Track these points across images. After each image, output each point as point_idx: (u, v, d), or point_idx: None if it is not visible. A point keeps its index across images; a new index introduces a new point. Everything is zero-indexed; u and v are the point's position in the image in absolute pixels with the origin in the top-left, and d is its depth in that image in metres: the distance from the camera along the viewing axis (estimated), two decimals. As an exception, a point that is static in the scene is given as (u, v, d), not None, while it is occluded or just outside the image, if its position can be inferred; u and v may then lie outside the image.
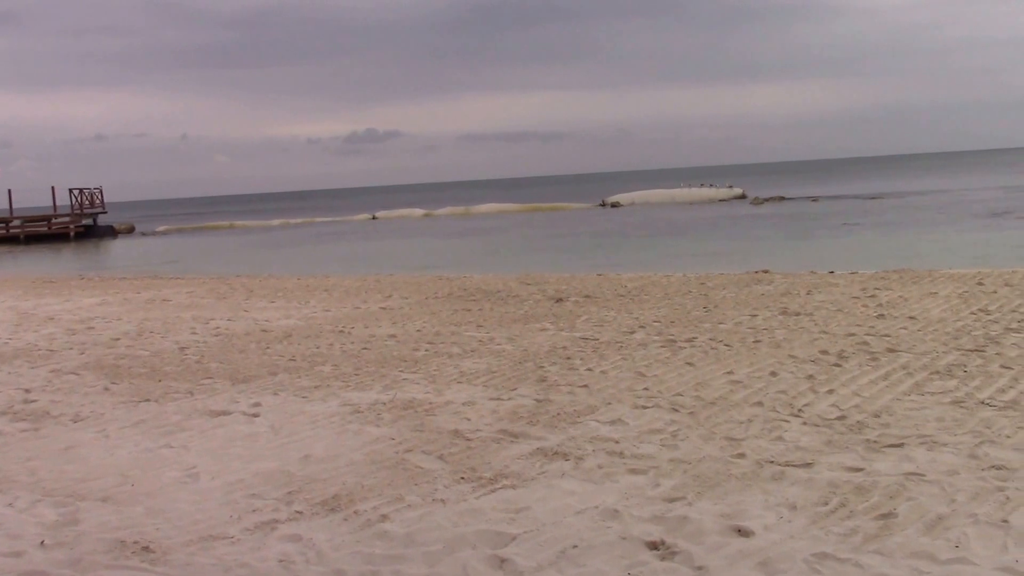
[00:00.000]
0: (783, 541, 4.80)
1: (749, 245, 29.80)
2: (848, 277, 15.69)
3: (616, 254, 29.18)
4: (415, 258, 31.66)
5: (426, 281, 19.13)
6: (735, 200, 63.34)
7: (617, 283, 16.56)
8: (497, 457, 6.46)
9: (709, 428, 6.88)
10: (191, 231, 68.57)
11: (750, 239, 32.49)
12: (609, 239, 36.76)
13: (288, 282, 20.46)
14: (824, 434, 6.59)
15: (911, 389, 7.72)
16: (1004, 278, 14.13)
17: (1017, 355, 8.74)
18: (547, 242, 37.24)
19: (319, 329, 12.90)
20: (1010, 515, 4.95)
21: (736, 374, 8.59)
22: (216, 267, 30.19)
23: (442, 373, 9.40)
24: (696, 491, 5.59)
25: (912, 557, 4.53)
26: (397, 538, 5.11)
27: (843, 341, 9.88)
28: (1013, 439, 6.24)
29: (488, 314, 13.51)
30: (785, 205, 55.25)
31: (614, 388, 8.31)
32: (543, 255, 30.34)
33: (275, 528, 5.33)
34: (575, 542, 4.93)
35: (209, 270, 28.11)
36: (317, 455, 6.71)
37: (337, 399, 8.46)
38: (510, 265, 25.02)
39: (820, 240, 31.02)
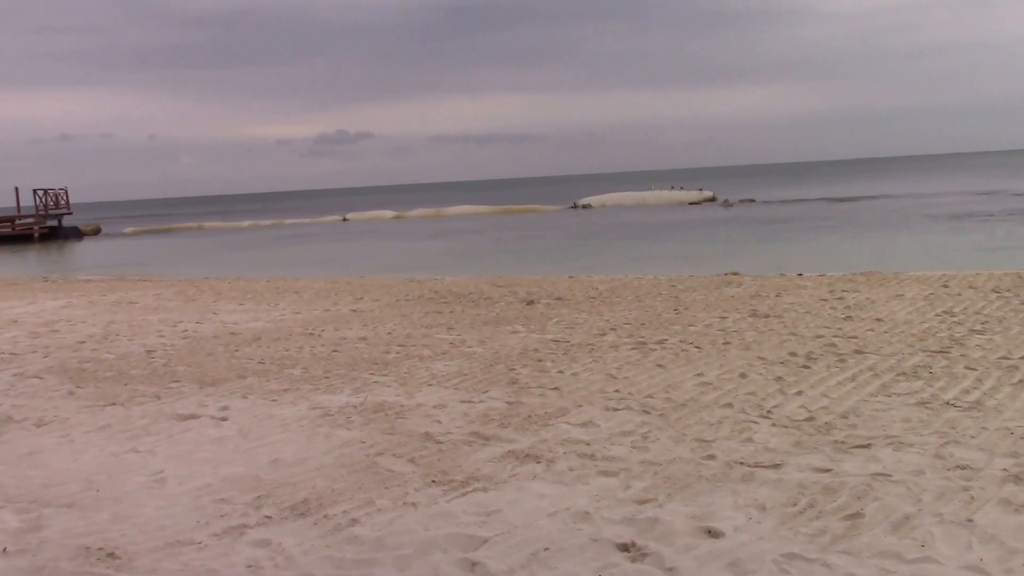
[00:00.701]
0: (752, 542, 4.82)
1: (719, 248, 29.95)
2: (816, 279, 15.81)
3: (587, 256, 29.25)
4: (386, 260, 31.58)
5: (397, 283, 19.08)
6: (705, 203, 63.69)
7: (588, 285, 16.60)
8: (468, 460, 6.46)
9: (679, 430, 6.91)
10: (158, 232, 68.07)
11: (720, 242, 32.66)
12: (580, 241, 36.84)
13: (257, 284, 20.35)
14: (793, 435, 6.63)
15: (878, 390, 7.79)
16: (968, 281, 14.29)
17: (981, 356, 8.84)
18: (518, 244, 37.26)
19: (288, 332, 12.83)
20: (974, 514, 5.00)
21: (706, 376, 8.63)
22: (184, 269, 29.98)
23: (413, 376, 9.37)
24: (667, 493, 5.61)
25: (879, 557, 4.57)
26: (367, 542, 5.09)
27: (811, 343, 9.95)
28: (977, 439, 6.31)
29: (459, 316, 13.50)
30: (755, 208, 55.60)
31: (585, 390, 8.32)
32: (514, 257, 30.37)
33: (244, 533, 5.30)
34: (546, 545, 4.93)
35: (177, 272, 27.90)
36: (286, 459, 6.67)
37: (307, 402, 8.42)
38: (481, 267, 25.02)
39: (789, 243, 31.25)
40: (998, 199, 48.71)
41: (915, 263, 20.04)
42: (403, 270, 25.35)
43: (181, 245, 50.38)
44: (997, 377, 8.00)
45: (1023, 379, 7.88)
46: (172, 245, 50.90)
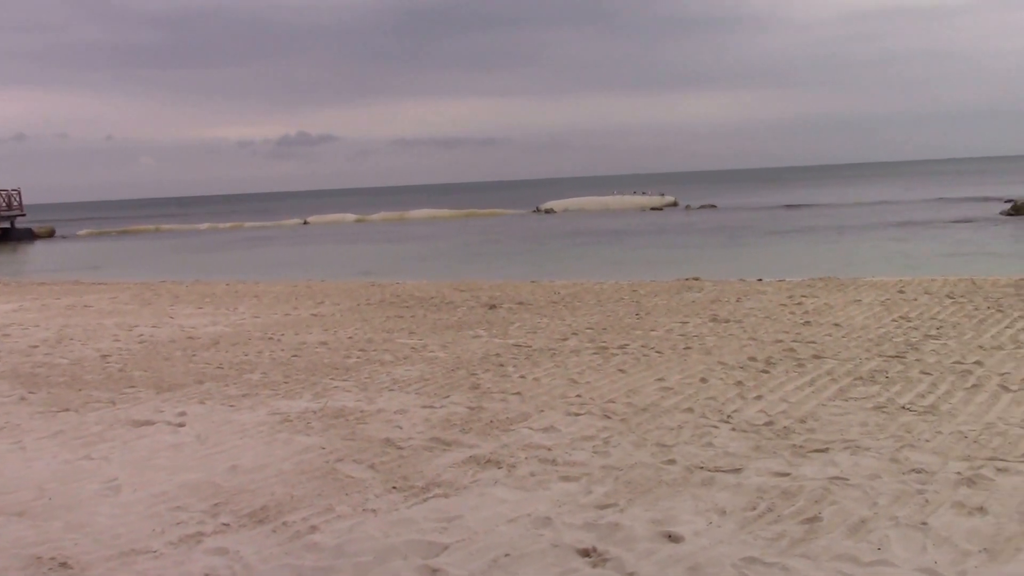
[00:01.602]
0: (712, 546, 4.85)
1: (680, 253, 30.13)
2: (776, 285, 15.95)
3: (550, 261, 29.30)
4: (347, 264, 31.43)
5: (358, 287, 18.99)
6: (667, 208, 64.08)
7: (550, 290, 16.62)
8: (429, 466, 6.43)
9: (640, 435, 6.93)
10: (115, 235, 67.28)
11: (681, 247, 32.86)
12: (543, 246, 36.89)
13: (216, 287, 20.17)
14: (752, 440, 6.67)
15: (835, 395, 7.86)
16: (924, 286, 14.48)
17: (936, 361, 8.95)
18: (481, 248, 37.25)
19: (248, 336, 12.72)
20: (929, 517, 5.06)
21: (667, 381, 8.66)
22: (141, 272, 29.63)
23: (374, 381, 9.33)
24: (627, 498, 5.62)
25: (836, 560, 4.61)
26: (327, 550, 5.05)
27: (771, 348, 10.03)
28: (932, 443, 6.39)
29: (421, 321, 13.46)
30: (716, 213, 55.99)
31: (547, 395, 8.32)
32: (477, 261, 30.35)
33: (200, 541, 5.23)
34: (507, 551, 4.92)
35: (133, 275, 27.56)
36: (245, 465, 6.61)
37: (266, 408, 8.35)
38: (444, 271, 24.99)
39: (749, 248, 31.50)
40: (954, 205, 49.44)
41: (872, 269, 20.29)
42: (365, 274, 25.26)
43: (138, 247, 49.82)
44: (951, 382, 8.10)
45: (976, 383, 7.99)
46: (129, 247, 50.32)
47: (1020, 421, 6.78)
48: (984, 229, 34.73)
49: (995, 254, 25.51)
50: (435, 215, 70.09)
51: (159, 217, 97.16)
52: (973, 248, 27.53)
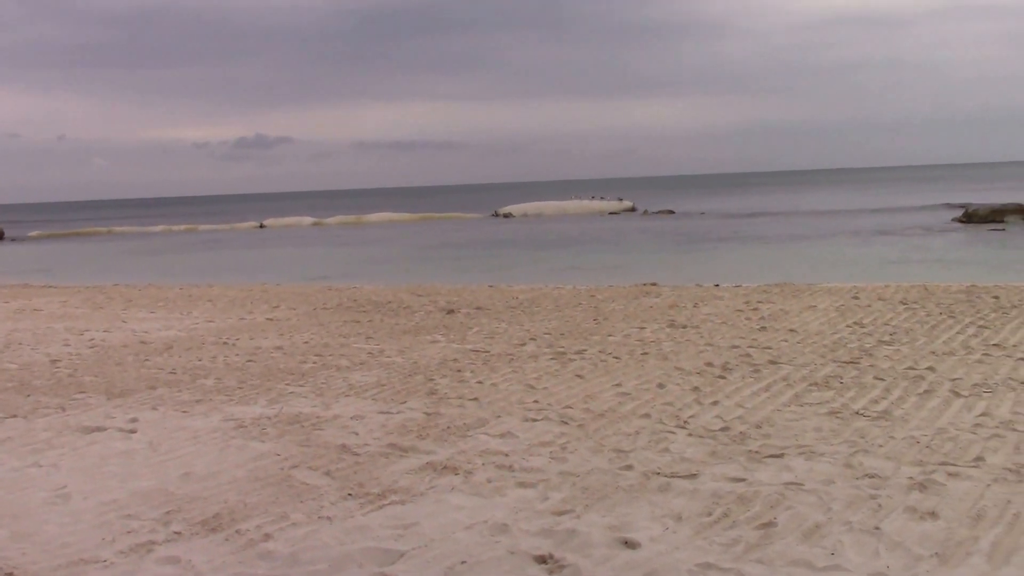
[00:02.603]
0: (668, 552, 4.85)
1: (638, 258, 30.28)
2: (732, 290, 16.06)
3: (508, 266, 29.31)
4: (304, 268, 31.23)
5: (315, 291, 18.87)
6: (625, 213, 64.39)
7: (509, 295, 16.62)
8: (385, 472, 6.39)
9: (598, 440, 6.93)
10: (66, 237, 66.33)
11: (639, 252, 33.02)
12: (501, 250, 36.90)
13: (169, 291, 19.93)
14: (708, 445, 6.70)
15: (791, 400, 7.92)
16: (878, 292, 14.66)
17: (889, 367, 9.06)
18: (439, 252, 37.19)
19: (202, 341, 12.58)
20: (882, 522, 5.11)
21: (624, 386, 8.68)
22: (92, 275, 29.19)
23: (330, 386, 9.26)
24: (584, 504, 5.62)
25: (791, 565, 4.63)
26: (281, 558, 5.00)
27: (727, 353, 10.09)
28: (885, 448, 6.45)
29: (378, 326, 13.39)
30: (673, 219, 56.34)
31: (504, 401, 8.31)
32: (435, 266, 30.28)
33: (151, 550, 5.15)
34: (463, 558, 4.90)
35: (85, 278, 27.15)
36: (198, 472, 6.53)
37: (220, 414, 8.25)
38: (401, 276, 24.90)
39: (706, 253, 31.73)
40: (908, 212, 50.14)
41: (827, 275, 20.50)
42: (321, 278, 25.10)
43: (90, 250, 49.15)
44: (904, 387, 8.20)
45: (928, 389, 8.09)
46: (80, 250, 49.61)
47: (971, 426, 6.88)
48: (937, 236, 35.26)
49: (947, 261, 25.90)
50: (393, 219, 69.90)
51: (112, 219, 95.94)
52: (926, 255, 27.93)
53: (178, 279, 25.59)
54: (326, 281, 23.35)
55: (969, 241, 33.11)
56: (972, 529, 4.98)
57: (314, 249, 42.82)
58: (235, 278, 25.68)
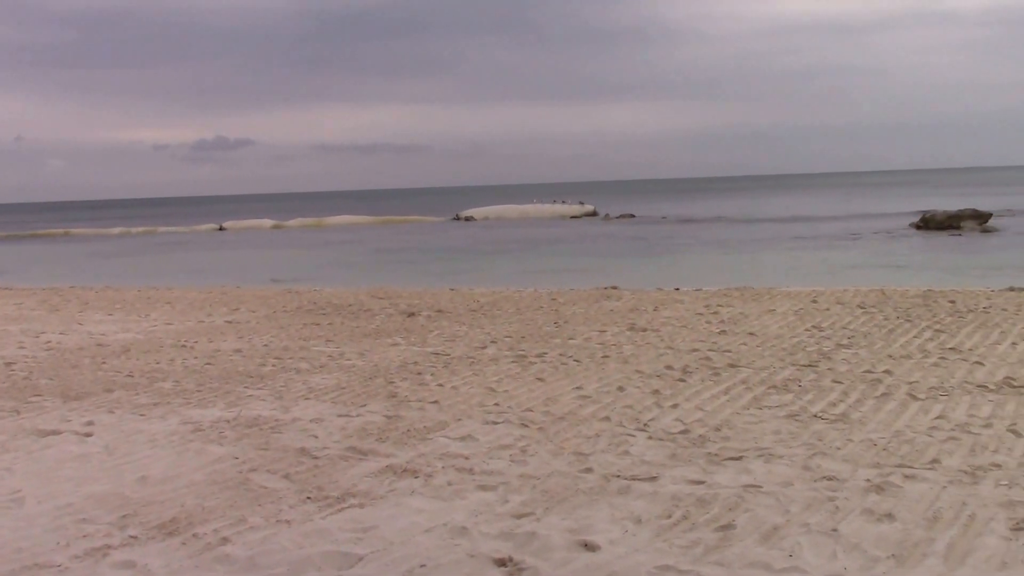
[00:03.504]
0: (628, 555, 4.87)
1: (599, 262, 30.37)
2: (693, 294, 16.15)
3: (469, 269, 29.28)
4: (263, 270, 30.99)
5: (274, 294, 18.73)
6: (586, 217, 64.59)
7: (469, 298, 16.59)
8: (345, 475, 6.35)
9: (558, 443, 6.94)
10: (22, 239, 65.34)
11: (600, 256, 33.12)
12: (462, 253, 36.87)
13: (127, 294, 19.70)
14: (668, 448, 6.73)
15: (750, 403, 7.98)
16: (836, 296, 14.80)
17: (847, 370, 9.15)
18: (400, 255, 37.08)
19: (160, 343, 12.45)
20: (839, 524, 5.16)
21: (585, 389, 8.70)
22: (48, 277, 28.77)
23: (289, 389, 9.19)
24: (544, 506, 5.62)
25: (749, 567, 4.66)
26: (238, 562, 4.95)
27: (687, 356, 10.14)
28: (843, 450, 6.52)
29: (338, 328, 13.33)
30: (634, 223, 56.59)
31: (465, 404, 8.29)
32: (395, 269, 30.19)
33: (107, 555, 5.09)
34: (423, 561, 4.88)
35: (41, 280, 26.76)
36: (154, 476, 6.45)
37: (177, 417, 8.17)
38: (362, 278, 24.78)
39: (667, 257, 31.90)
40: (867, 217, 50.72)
41: (786, 279, 20.68)
42: (281, 281, 24.93)
43: (46, 252, 48.46)
44: (862, 390, 8.29)
45: (886, 392, 8.18)
46: (36, 252, 48.91)
47: (927, 429, 6.96)
48: (895, 241, 35.71)
49: (904, 266, 26.23)
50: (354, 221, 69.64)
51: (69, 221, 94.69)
52: (884, 260, 28.27)
53: (136, 281, 25.30)
54: (286, 284, 23.20)
55: (926, 246, 33.56)
56: (928, 530, 5.04)
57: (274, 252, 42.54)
58: (194, 280, 25.43)
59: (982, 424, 7.04)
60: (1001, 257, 28.31)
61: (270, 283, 24.07)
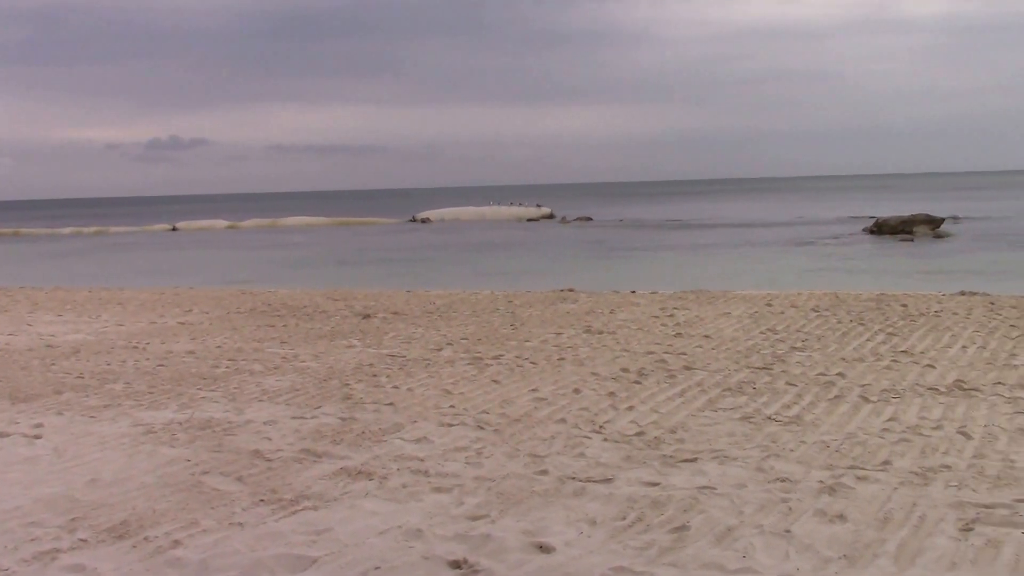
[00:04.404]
0: (583, 556, 4.87)
1: (555, 264, 30.46)
2: (649, 297, 16.23)
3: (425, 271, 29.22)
4: (217, 271, 30.71)
5: (228, 295, 18.55)
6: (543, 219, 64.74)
7: (425, 300, 16.55)
8: (299, 478, 6.30)
9: (514, 445, 6.93)
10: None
11: (556, 258, 33.21)
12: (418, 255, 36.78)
13: (78, 294, 19.41)
14: (623, 450, 6.75)
15: (705, 405, 8.02)
16: (791, 300, 14.95)
17: (800, 373, 9.24)
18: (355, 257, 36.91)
19: (111, 345, 12.27)
20: (792, 525, 5.20)
21: (541, 391, 8.70)
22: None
23: (243, 391, 9.10)
24: (500, 508, 5.61)
25: (703, 568, 4.68)
26: (190, 565, 4.89)
27: (643, 359, 10.18)
28: (796, 452, 6.57)
29: (293, 330, 13.22)
30: (591, 225, 56.81)
31: (420, 406, 8.26)
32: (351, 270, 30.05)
33: (56, 558, 5.00)
34: (377, 563, 4.85)
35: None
36: (105, 479, 6.35)
37: (128, 419, 8.05)
38: (317, 280, 24.64)
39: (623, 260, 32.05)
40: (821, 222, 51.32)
41: (742, 282, 20.86)
42: (235, 282, 24.71)
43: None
44: (815, 393, 8.37)
45: (839, 395, 8.27)
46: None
47: (879, 431, 7.05)
48: (849, 245, 36.19)
49: (858, 270, 26.61)
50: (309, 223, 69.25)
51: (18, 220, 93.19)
52: (838, 264, 28.65)
53: (87, 282, 24.96)
54: (240, 285, 22.99)
55: (879, 251, 34.06)
56: (879, 531, 5.10)
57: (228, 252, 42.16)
58: (146, 281, 25.14)
59: (932, 426, 7.14)
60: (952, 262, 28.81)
61: (224, 284, 23.84)
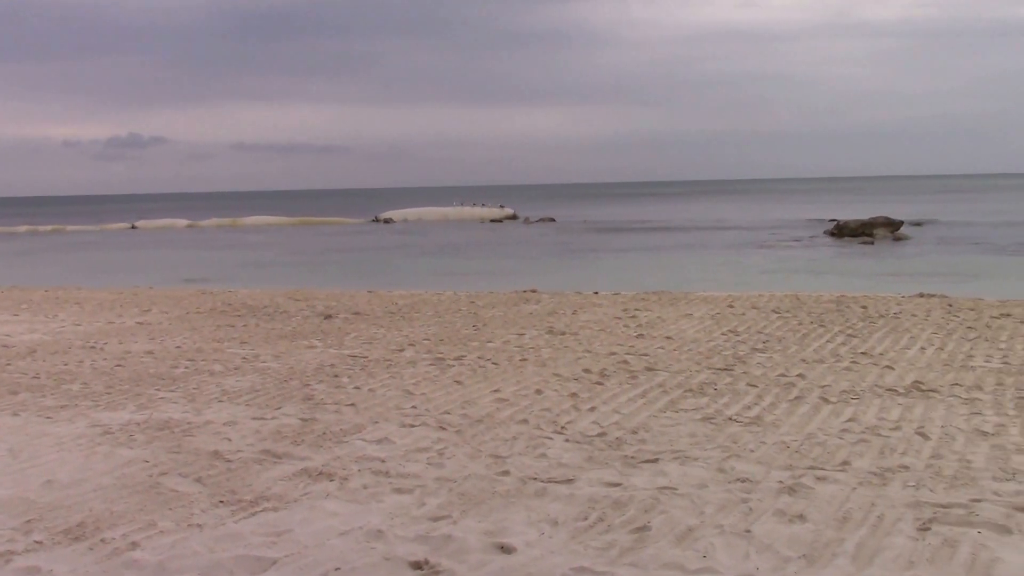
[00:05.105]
0: (544, 557, 4.87)
1: (518, 265, 30.48)
2: (611, 298, 16.27)
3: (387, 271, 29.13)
4: (177, 270, 30.41)
5: (188, 295, 18.37)
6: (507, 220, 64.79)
7: (387, 300, 16.48)
8: (259, 479, 6.24)
9: (475, 446, 6.92)
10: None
11: (519, 259, 33.23)
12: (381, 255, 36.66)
13: (34, 294, 19.13)
14: (585, 450, 6.76)
15: (666, 406, 8.05)
16: (752, 301, 15.05)
17: (762, 374, 9.30)
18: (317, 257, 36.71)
19: (68, 345, 12.11)
20: (752, 525, 5.23)
21: (503, 392, 8.70)
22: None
23: (202, 392, 9.02)
24: (461, 509, 5.59)
25: (664, 568, 4.70)
26: (148, 567, 4.83)
27: (605, 360, 10.20)
28: (756, 453, 6.62)
29: (254, 330, 13.12)
30: (554, 227, 56.90)
31: (382, 406, 8.22)
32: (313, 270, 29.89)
33: (10, 560, 4.92)
34: (338, 564, 4.82)
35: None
36: (61, 480, 6.26)
37: (85, 419, 7.95)
38: (278, 280, 24.48)
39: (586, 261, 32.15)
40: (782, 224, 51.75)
41: (703, 284, 20.99)
42: (195, 281, 24.49)
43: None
44: (776, 394, 8.43)
45: (799, 395, 8.34)
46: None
47: (838, 432, 7.11)
48: (810, 248, 36.54)
49: (818, 271, 26.87)
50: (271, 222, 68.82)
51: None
52: (798, 265, 28.91)
53: (44, 281, 24.60)
54: (200, 284, 22.79)
55: (840, 253, 34.40)
56: (838, 531, 5.14)
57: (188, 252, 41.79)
58: (105, 280, 24.83)
59: (891, 427, 7.22)
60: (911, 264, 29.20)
61: (183, 284, 23.62)
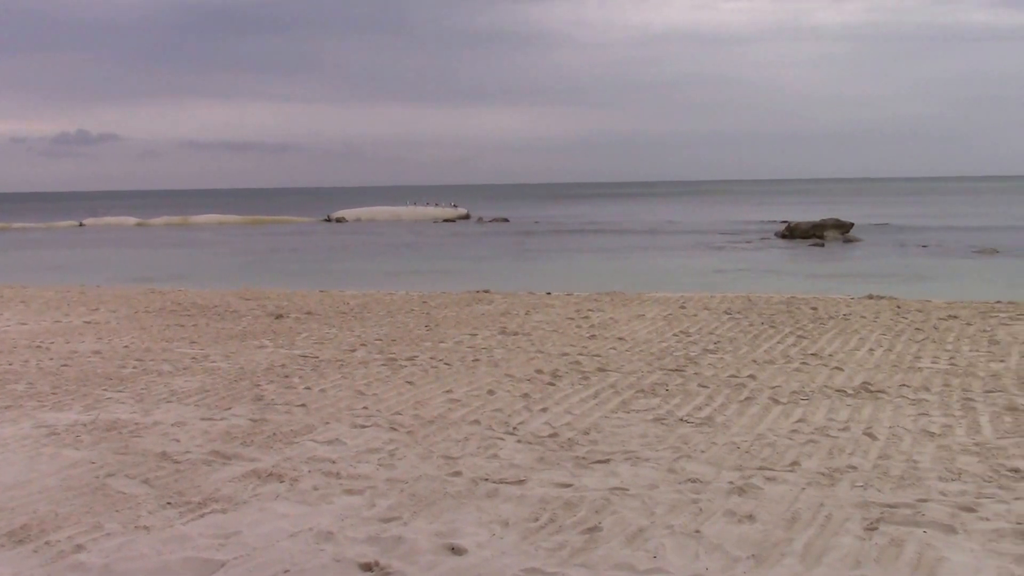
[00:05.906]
0: (495, 558, 4.86)
1: (471, 265, 30.46)
2: (564, 298, 16.31)
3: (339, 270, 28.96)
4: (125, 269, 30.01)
5: (136, 294, 18.13)
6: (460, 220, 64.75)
7: (339, 300, 16.39)
8: (207, 480, 6.17)
9: (427, 447, 6.90)
10: None
11: (472, 259, 33.22)
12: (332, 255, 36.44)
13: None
14: (537, 451, 6.76)
15: (618, 407, 8.09)
16: (704, 302, 15.16)
17: (713, 375, 9.37)
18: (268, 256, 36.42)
19: (12, 344, 11.89)
20: (702, 525, 5.27)
21: (455, 393, 8.68)
22: None
23: (151, 392, 8.90)
24: (412, 510, 5.57)
25: (614, 568, 4.72)
26: (93, 570, 4.76)
27: (557, 361, 10.22)
28: (707, 453, 6.67)
29: (203, 330, 12.97)
30: (508, 227, 56.95)
31: (333, 407, 8.17)
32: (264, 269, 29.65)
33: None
34: (287, 566, 4.78)
35: None
36: (4, 482, 6.15)
37: (30, 420, 7.81)
38: (228, 279, 24.24)
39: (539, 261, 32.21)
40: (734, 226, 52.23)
41: (655, 284, 21.10)
42: (144, 280, 24.18)
43: None
44: (726, 394, 8.50)
45: (750, 396, 8.41)
46: None
47: (788, 432, 7.18)
48: (761, 250, 36.90)
49: (770, 272, 27.16)
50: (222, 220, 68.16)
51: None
52: (750, 266, 29.20)
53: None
54: (149, 283, 22.49)
55: (791, 255, 34.79)
56: (787, 531, 5.19)
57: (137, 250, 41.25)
58: (51, 279, 24.44)
59: (840, 428, 7.31)
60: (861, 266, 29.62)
61: (132, 282, 23.31)
